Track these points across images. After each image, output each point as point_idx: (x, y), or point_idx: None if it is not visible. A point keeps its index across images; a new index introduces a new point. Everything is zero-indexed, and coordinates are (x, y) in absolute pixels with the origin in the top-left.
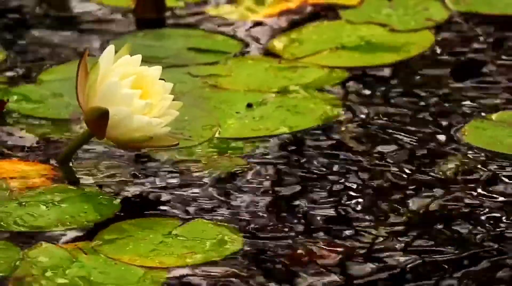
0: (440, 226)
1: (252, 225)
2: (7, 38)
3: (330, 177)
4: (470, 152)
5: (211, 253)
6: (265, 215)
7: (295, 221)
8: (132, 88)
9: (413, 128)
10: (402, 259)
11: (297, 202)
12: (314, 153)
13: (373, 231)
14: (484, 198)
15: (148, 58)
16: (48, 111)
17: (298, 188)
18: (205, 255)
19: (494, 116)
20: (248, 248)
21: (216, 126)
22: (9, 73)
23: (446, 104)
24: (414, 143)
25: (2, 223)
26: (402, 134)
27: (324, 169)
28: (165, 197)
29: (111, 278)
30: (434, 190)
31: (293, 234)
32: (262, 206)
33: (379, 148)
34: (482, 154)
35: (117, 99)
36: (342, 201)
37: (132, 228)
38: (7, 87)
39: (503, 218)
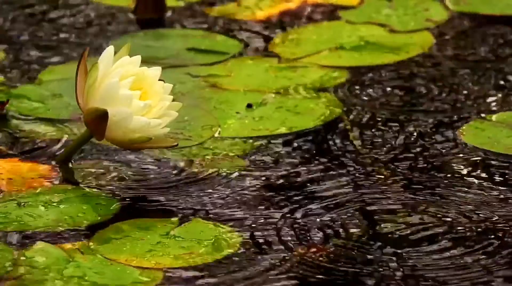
0: None
1: (251, 226)
2: (7, 38)
3: (331, 177)
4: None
5: (208, 254)
6: (264, 215)
7: (295, 221)
8: (131, 88)
9: (412, 128)
10: None
11: (297, 203)
12: (314, 153)
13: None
14: None
15: (148, 58)
16: (48, 111)
17: (298, 188)
18: (202, 255)
19: (494, 117)
20: (247, 249)
21: (216, 126)
22: (9, 73)
23: (446, 105)
24: (414, 143)
25: (1, 223)
26: (402, 134)
27: (324, 170)
28: (164, 197)
29: (106, 278)
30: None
31: (292, 234)
32: (261, 206)
33: (378, 148)
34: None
35: (117, 100)
36: (343, 201)
37: (130, 228)
38: (7, 87)
39: None
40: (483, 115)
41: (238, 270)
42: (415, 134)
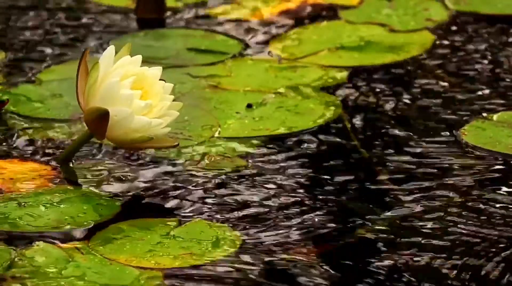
0: None
1: (251, 226)
2: (7, 38)
3: (330, 177)
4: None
5: (208, 254)
6: (264, 215)
7: (295, 222)
8: (132, 88)
9: (412, 128)
10: None
11: (297, 203)
12: (314, 153)
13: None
14: None
15: (148, 58)
16: (48, 111)
17: (298, 188)
18: (202, 255)
19: (495, 117)
20: (246, 249)
21: (216, 126)
22: (9, 73)
23: (446, 104)
24: (414, 143)
25: (1, 223)
26: (402, 133)
27: (324, 170)
28: (164, 197)
29: (106, 278)
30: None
31: (292, 235)
32: (261, 206)
33: (379, 148)
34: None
35: (117, 100)
36: (343, 201)
37: (130, 228)
38: (7, 87)
39: None
40: (484, 114)
41: (238, 271)
42: (415, 133)
